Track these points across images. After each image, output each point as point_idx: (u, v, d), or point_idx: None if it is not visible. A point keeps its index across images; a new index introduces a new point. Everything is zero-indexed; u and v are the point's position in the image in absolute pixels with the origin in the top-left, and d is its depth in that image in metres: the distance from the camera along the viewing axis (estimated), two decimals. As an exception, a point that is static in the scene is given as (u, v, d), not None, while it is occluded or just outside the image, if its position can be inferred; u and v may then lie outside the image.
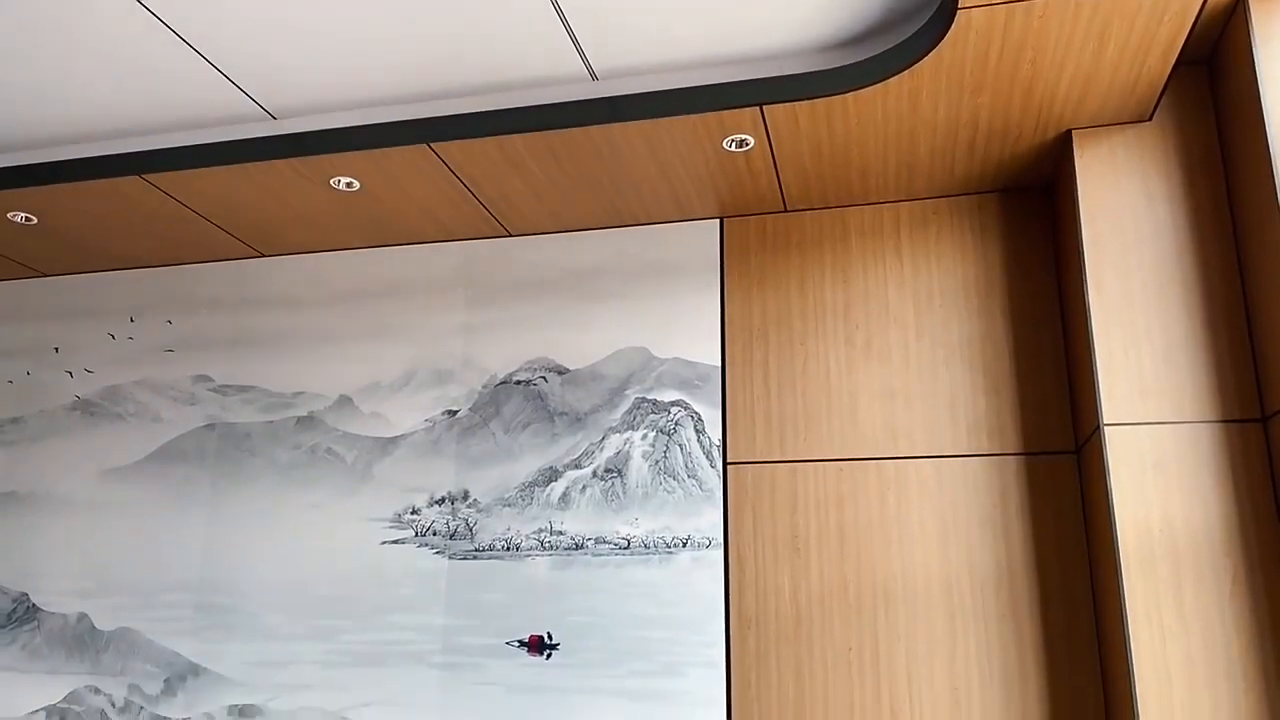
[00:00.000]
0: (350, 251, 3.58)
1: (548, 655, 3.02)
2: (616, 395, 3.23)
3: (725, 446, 3.08)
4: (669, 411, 3.17)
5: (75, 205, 3.25)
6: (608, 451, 3.19)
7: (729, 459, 3.07)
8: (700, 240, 3.26)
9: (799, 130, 2.73)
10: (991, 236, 3.05)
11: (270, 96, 2.82)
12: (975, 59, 2.40)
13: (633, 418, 3.20)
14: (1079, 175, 2.68)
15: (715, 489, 3.05)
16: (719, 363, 3.16)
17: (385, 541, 3.25)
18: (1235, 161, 2.53)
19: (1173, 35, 2.30)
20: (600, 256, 3.34)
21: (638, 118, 2.67)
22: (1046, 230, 3.02)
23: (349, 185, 3.08)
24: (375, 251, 3.56)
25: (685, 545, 3.02)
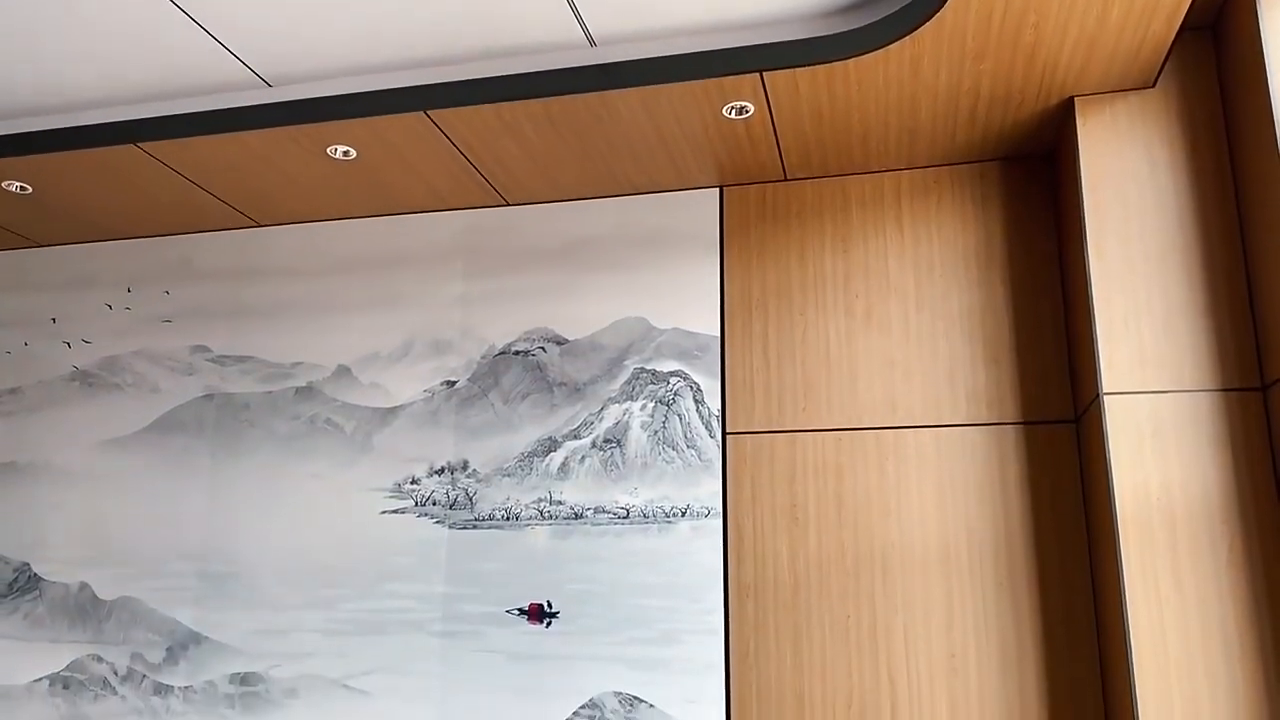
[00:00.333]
0: (348, 221, 3.56)
1: (547, 623, 3.04)
2: (615, 366, 3.22)
3: (724, 417, 3.08)
4: (668, 382, 3.16)
5: (70, 174, 3.23)
6: (607, 422, 3.19)
7: (728, 429, 3.07)
8: (700, 209, 3.25)
9: (799, 97, 2.70)
10: (993, 205, 3.04)
11: (266, 64, 2.80)
12: (977, 24, 2.37)
13: (632, 388, 3.19)
14: (1081, 142, 2.66)
15: (714, 459, 3.05)
16: (718, 333, 3.15)
17: (385, 511, 3.26)
18: (1239, 129, 2.51)
19: (1177, 0, 2.27)
20: (599, 226, 3.33)
21: (636, 84, 2.65)
22: (1048, 199, 3.00)
23: (346, 154, 3.06)
24: (373, 221, 3.54)
25: (684, 515, 3.03)
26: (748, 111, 2.78)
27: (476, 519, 3.19)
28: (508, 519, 3.17)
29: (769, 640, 2.88)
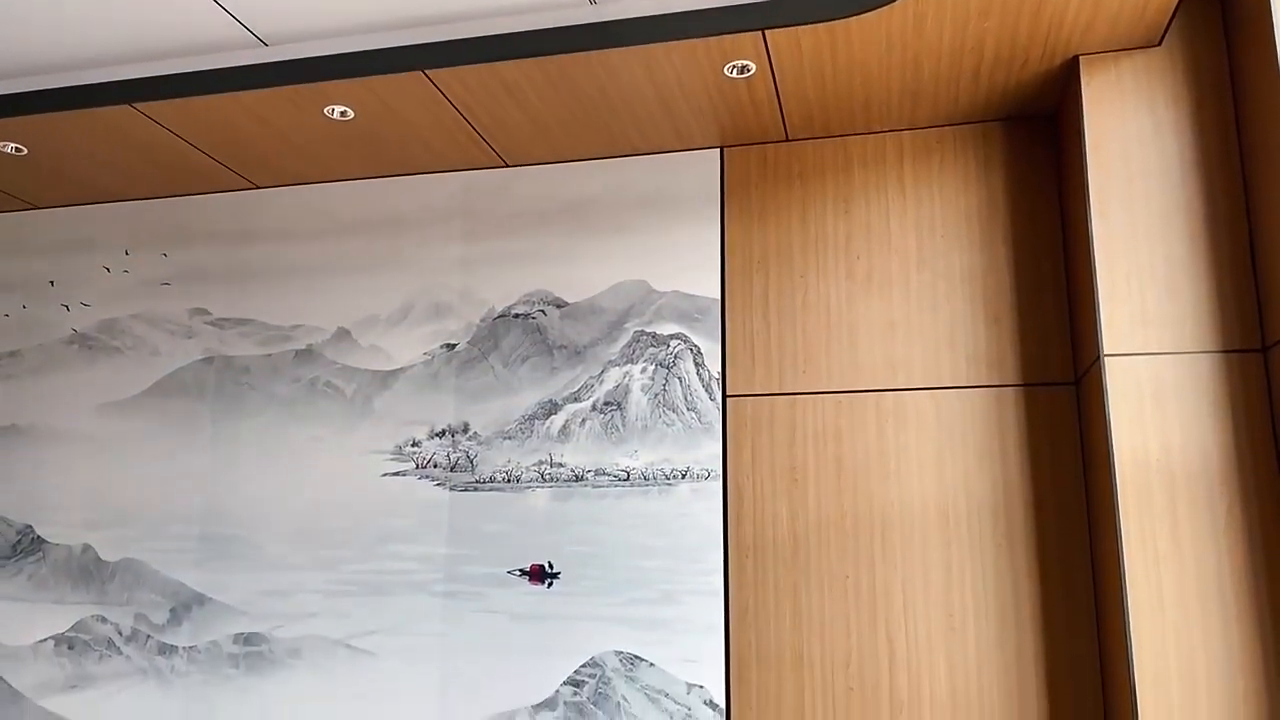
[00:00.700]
0: (346, 183, 3.54)
1: (549, 584, 3.06)
2: (616, 328, 3.22)
3: (724, 380, 3.09)
4: (668, 345, 3.16)
5: (65, 135, 3.20)
6: (607, 385, 3.19)
7: (728, 392, 3.07)
8: (700, 170, 3.22)
9: (802, 56, 2.67)
10: (995, 166, 3.02)
11: (262, 23, 2.76)
12: (983, -19, 2.35)
13: (632, 351, 3.19)
14: (1085, 102, 2.63)
15: (714, 422, 3.05)
16: (719, 296, 3.14)
17: (386, 474, 3.27)
18: (1245, 89, 2.48)
19: (1186, -45, 2.25)
20: (599, 187, 3.31)
21: (636, 43, 2.62)
22: (1051, 159, 2.98)
23: (343, 114, 3.03)
24: (371, 183, 3.51)
25: (684, 477, 3.04)
26: (749, 71, 2.75)
27: (477, 481, 3.20)
28: (509, 481, 3.18)
29: (768, 601, 2.90)
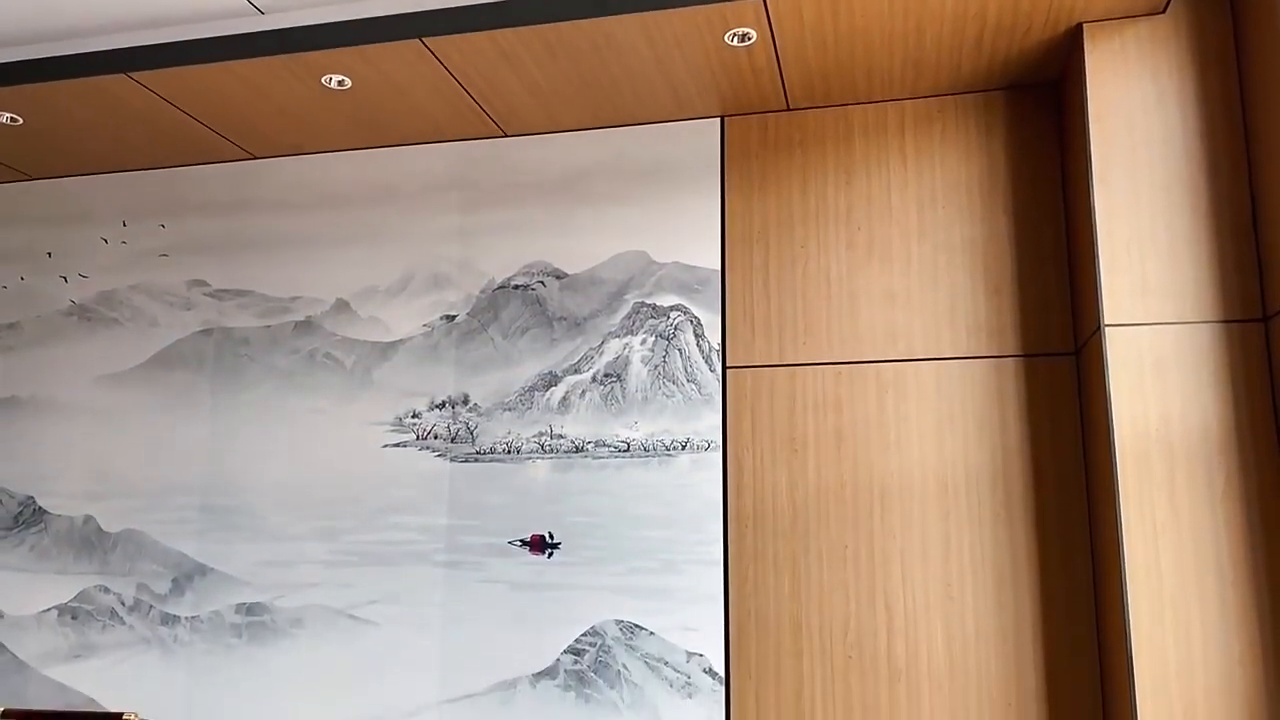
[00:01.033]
0: (344, 153, 3.52)
1: (549, 554, 3.08)
2: (615, 300, 3.21)
3: (724, 351, 3.08)
4: (668, 316, 3.15)
5: (61, 105, 3.18)
6: (607, 356, 3.19)
7: (728, 363, 3.07)
8: (700, 140, 3.20)
9: (803, 23, 2.65)
10: (997, 135, 3.00)
11: (257, -11, 2.74)
12: (986, -54, 2.32)
13: (632, 322, 3.19)
14: (1089, 70, 2.61)
15: (714, 393, 3.05)
16: (719, 267, 3.13)
17: (387, 445, 3.28)
18: (1249, 57, 2.46)
19: (1192, -80, 2.22)
20: (598, 157, 3.29)
21: (636, 10, 2.59)
22: (1053, 129, 2.96)
23: (340, 83, 3.00)
24: (369, 153, 3.49)
25: (684, 448, 3.05)
26: (750, 38, 2.73)
27: (478, 453, 3.21)
28: (509, 453, 3.19)
29: (768, 570, 2.91)
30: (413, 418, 3.28)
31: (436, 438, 3.25)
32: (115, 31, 2.95)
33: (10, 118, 3.27)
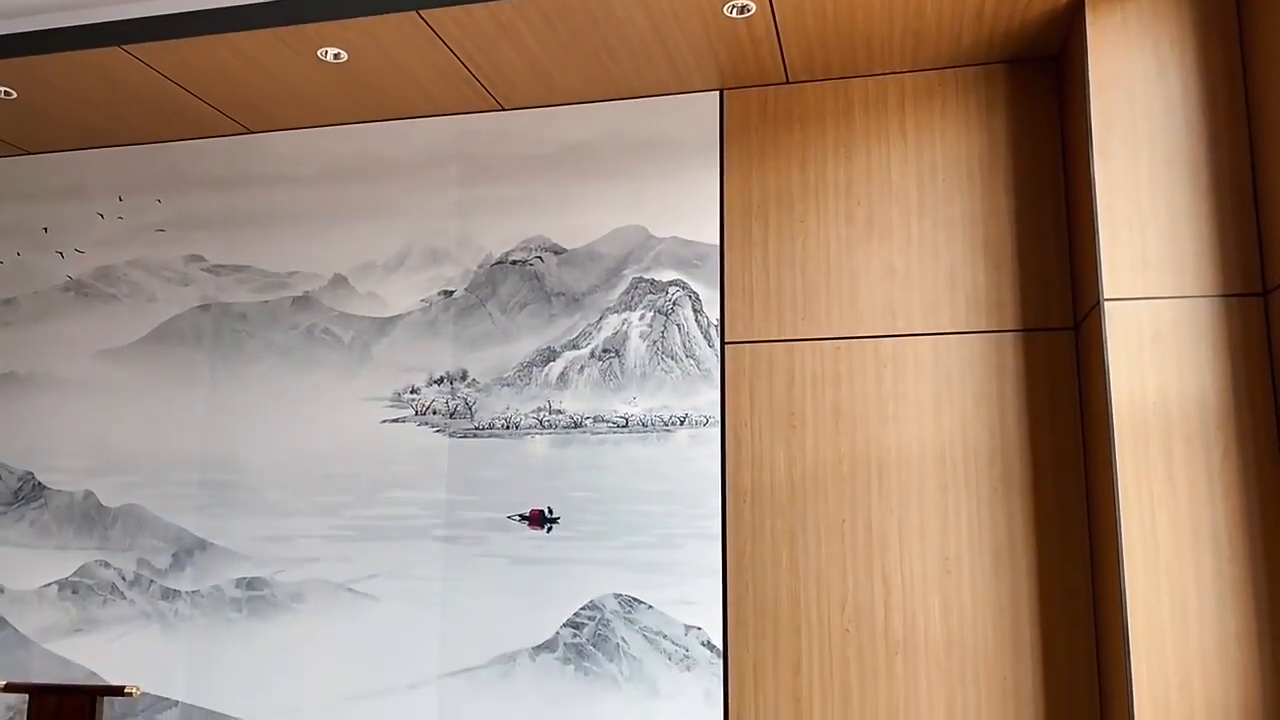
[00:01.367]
0: (340, 127, 3.49)
1: (548, 529, 3.09)
2: (614, 275, 3.21)
3: (723, 326, 3.08)
4: (667, 291, 3.15)
5: (55, 78, 3.15)
6: (605, 332, 3.18)
7: (727, 339, 3.07)
8: (699, 114, 3.18)
9: (802, -5, 2.63)
10: (997, 109, 2.98)
11: (251, -40, 2.71)
12: (988, -84, 2.30)
13: (630, 298, 3.18)
14: (1090, 43, 2.59)
15: (713, 368, 3.05)
16: (718, 242, 3.12)
17: (385, 420, 3.28)
18: (1252, 29, 2.44)
19: (1196, -111, 2.20)
20: (597, 131, 3.27)
21: (635, -18, 2.57)
22: (1053, 103, 2.95)
23: (337, 57, 2.98)
24: (366, 127, 3.47)
25: (683, 423, 3.05)
26: (749, 10, 2.70)
27: (477, 428, 3.21)
28: (508, 428, 3.19)
29: (765, 544, 2.93)
30: (411, 393, 3.28)
31: (435, 413, 3.25)
32: (109, 4, 2.92)
33: (4, 91, 3.25)
